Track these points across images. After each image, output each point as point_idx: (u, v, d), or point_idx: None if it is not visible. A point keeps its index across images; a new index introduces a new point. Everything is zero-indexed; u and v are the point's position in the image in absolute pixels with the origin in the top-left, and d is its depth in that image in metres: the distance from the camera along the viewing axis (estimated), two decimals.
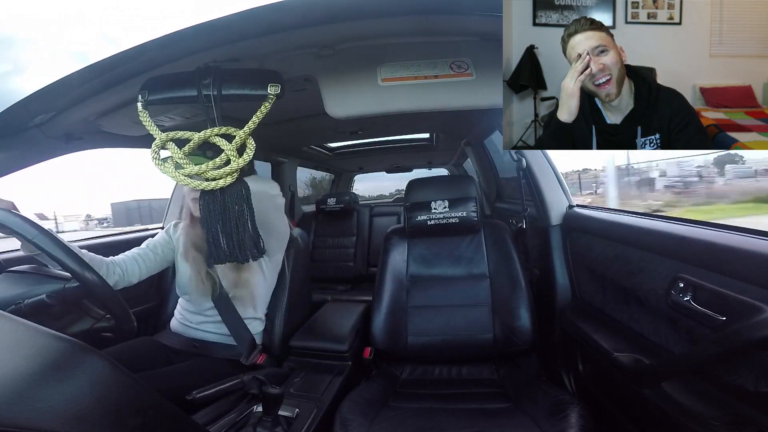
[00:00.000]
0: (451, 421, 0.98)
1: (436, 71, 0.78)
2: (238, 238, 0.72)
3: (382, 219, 2.85)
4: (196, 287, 1.11)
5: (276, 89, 0.71)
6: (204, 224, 0.71)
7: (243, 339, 1.13)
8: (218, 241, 0.71)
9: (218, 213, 0.71)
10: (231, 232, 0.72)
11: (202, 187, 0.68)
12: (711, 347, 0.65)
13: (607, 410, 0.99)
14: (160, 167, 0.69)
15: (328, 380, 1.15)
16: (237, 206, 0.71)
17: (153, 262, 1.16)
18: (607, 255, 1.04)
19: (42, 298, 0.79)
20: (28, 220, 0.79)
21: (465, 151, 2.72)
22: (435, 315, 1.31)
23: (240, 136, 0.70)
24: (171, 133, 0.71)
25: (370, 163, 3.61)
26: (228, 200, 0.71)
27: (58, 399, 0.38)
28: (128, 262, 1.10)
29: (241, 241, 0.72)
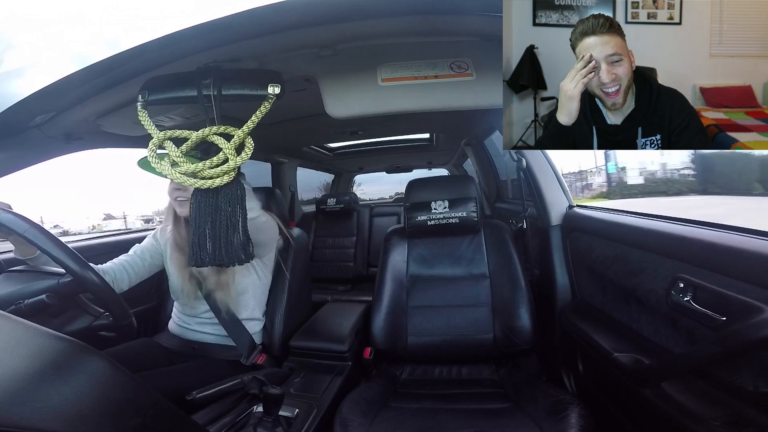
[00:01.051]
0: (451, 421, 0.98)
1: (436, 71, 0.78)
2: (227, 241, 0.70)
3: (382, 219, 2.85)
4: (181, 290, 1.11)
5: (276, 89, 0.71)
6: (192, 223, 0.69)
7: (241, 339, 1.13)
8: (204, 242, 0.69)
9: (209, 213, 0.69)
10: (219, 234, 0.69)
11: (198, 186, 0.67)
12: (711, 347, 0.65)
13: (607, 410, 0.99)
14: (156, 166, 0.68)
15: (328, 380, 1.15)
16: (230, 207, 0.69)
17: (141, 269, 1.14)
18: (607, 255, 1.04)
19: (42, 298, 0.79)
20: (26, 218, 0.79)
21: (465, 152, 2.72)
22: (435, 315, 1.31)
23: (239, 135, 0.70)
24: (169, 132, 0.71)
25: (370, 163, 3.61)
26: (221, 200, 0.69)
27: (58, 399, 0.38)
28: (117, 271, 1.08)
29: (229, 243, 0.70)
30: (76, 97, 0.80)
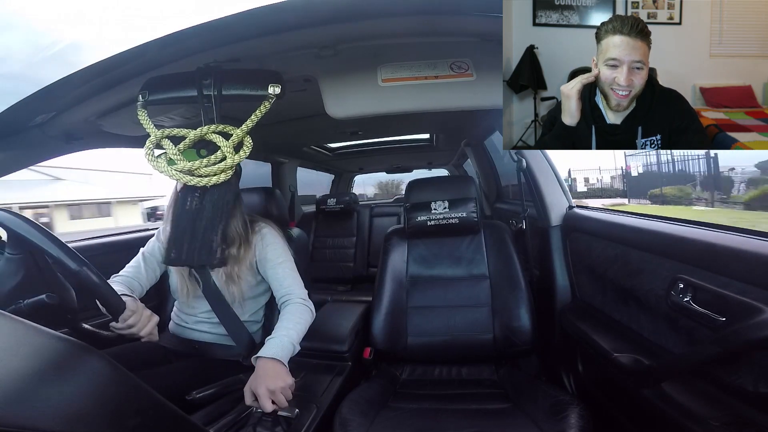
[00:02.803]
0: (451, 421, 0.98)
1: (436, 71, 0.78)
2: (203, 242, 0.69)
3: (382, 219, 2.84)
4: (180, 290, 1.10)
5: (276, 89, 0.71)
6: (173, 221, 0.68)
7: (241, 339, 1.12)
8: (181, 241, 0.68)
9: (192, 211, 0.68)
10: (197, 234, 0.68)
11: (194, 183, 0.67)
12: (711, 348, 0.65)
13: (607, 410, 0.99)
14: (153, 164, 0.69)
15: (328, 380, 1.15)
16: (215, 208, 0.68)
17: (153, 274, 1.13)
18: (607, 255, 1.04)
19: (42, 298, 0.79)
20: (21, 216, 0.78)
21: (465, 152, 2.72)
22: (435, 315, 1.31)
23: (237, 133, 0.70)
24: (167, 130, 0.71)
25: (370, 163, 3.61)
26: (207, 200, 0.69)
27: (58, 399, 0.38)
28: (132, 284, 1.06)
29: (205, 245, 0.68)
30: (77, 97, 0.80)
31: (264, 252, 1.09)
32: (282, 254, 1.11)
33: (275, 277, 1.08)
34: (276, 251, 1.10)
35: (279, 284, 1.07)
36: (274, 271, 1.08)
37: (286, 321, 0.97)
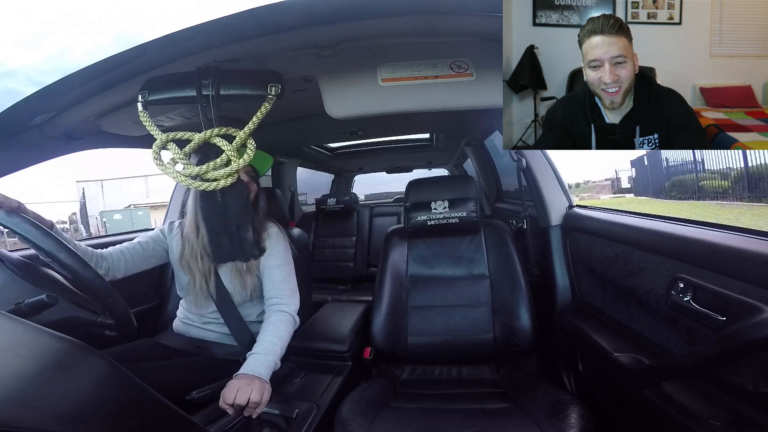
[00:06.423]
0: (451, 421, 0.98)
1: (436, 71, 0.78)
2: (240, 238, 0.72)
3: (382, 219, 2.84)
4: (191, 290, 1.11)
5: (276, 89, 0.71)
6: (206, 225, 0.71)
7: (243, 339, 1.12)
8: (220, 241, 0.71)
9: (220, 214, 0.71)
10: (232, 232, 0.71)
11: (202, 188, 0.68)
12: (711, 347, 0.65)
13: (607, 410, 0.99)
14: (161, 168, 0.69)
15: (327, 380, 1.15)
16: (237, 206, 0.71)
17: (141, 259, 1.11)
18: (607, 255, 1.04)
19: (42, 298, 0.79)
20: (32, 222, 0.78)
21: (465, 152, 2.72)
22: (435, 315, 1.31)
23: (240, 136, 0.70)
24: (172, 134, 0.71)
25: (370, 163, 3.60)
26: (228, 201, 0.71)
27: (58, 399, 0.38)
28: (115, 256, 1.05)
29: (243, 240, 0.72)
30: (76, 97, 0.80)
31: (268, 250, 1.10)
32: (282, 257, 1.12)
33: (270, 278, 1.09)
34: (278, 253, 1.11)
35: (271, 285, 1.08)
36: (270, 272, 1.09)
37: (271, 334, 0.98)
